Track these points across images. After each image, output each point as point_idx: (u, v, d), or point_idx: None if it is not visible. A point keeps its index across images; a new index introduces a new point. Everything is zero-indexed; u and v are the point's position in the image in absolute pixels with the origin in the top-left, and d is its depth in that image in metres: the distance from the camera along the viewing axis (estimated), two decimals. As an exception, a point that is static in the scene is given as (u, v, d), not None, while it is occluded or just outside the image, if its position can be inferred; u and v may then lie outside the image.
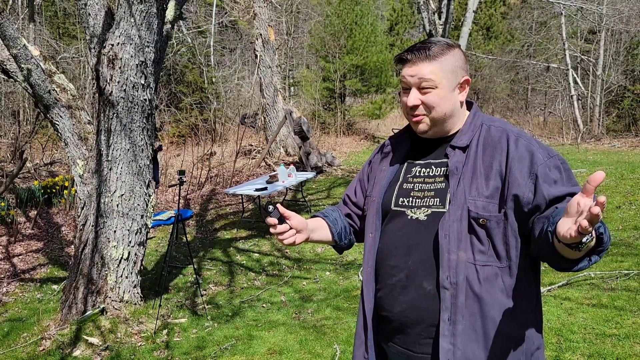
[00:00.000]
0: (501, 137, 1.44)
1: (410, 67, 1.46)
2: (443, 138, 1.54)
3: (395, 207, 1.53)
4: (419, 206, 1.48)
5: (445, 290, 1.37)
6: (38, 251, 6.37)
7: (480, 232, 1.37)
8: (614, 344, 3.47)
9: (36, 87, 4.14)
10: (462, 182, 1.41)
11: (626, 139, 14.84)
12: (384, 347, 1.55)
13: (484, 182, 1.39)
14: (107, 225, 4.16)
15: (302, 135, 11.01)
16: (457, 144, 1.48)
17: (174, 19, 4.61)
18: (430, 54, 1.44)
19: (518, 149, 1.39)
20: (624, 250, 5.41)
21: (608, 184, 8.22)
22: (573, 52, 17.55)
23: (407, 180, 1.55)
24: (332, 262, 5.87)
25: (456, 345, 1.35)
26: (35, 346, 3.90)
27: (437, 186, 1.47)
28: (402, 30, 25.04)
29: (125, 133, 4.09)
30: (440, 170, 1.49)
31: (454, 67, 1.47)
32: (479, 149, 1.44)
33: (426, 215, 1.45)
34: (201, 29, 17.30)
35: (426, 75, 1.44)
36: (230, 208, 8.70)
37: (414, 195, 1.50)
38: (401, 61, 1.49)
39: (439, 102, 1.45)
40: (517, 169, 1.37)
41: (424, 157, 1.56)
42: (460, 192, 1.40)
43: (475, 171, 1.41)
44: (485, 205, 1.38)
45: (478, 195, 1.39)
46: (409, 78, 1.47)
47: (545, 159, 1.37)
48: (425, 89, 1.45)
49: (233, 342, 3.94)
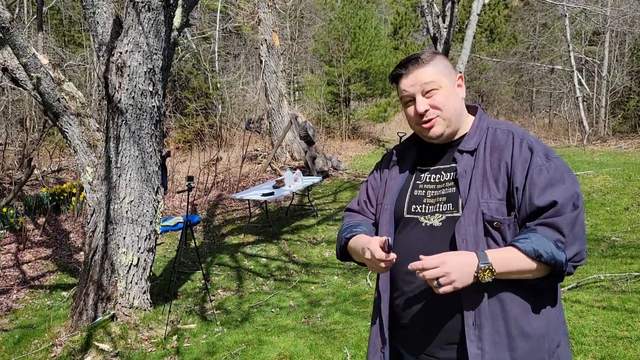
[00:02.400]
0: (507, 139, 1.45)
1: (407, 78, 1.50)
2: (449, 143, 1.55)
3: (408, 214, 1.53)
4: (433, 212, 1.48)
5: (467, 295, 1.37)
6: (47, 258, 6.40)
7: (496, 235, 1.39)
8: (625, 346, 3.46)
9: (45, 95, 4.18)
10: (474, 185, 1.42)
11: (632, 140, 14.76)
12: (403, 355, 1.55)
13: (494, 185, 1.41)
14: (116, 232, 4.18)
15: (308, 139, 11.03)
16: (464, 148, 1.49)
17: (180, 26, 4.64)
18: (422, 60, 1.49)
19: (522, 151, 1.41)
20: (633, 252, 5.39)
21: (615, 186, 8.18)
22: (577, 53, 17.49)
23: (418, 187, 1.55)
24: (340, 266, 5.87)
25: (484, 350, 1.35)
26: (47, 353, 3.91)
27: (448, 191, 1.48)
28: (406, 34, 25.07)
29: (134, 140, 4.12)
30: (450, 175, 1.50)
31: (446, 67, 1.51)
32: (487, 152, 1.46)
33: (441, 222, 1.46)
34: (206, 35, 17.37)
35: (426, 78, 1.47)
36: (237, 213, 8.71)
37: (427, 202, 1.51)
38: (396, 78, 1.53)
39: (446, 101, 1.48)
40: (519, 171, 1.39)
41: (432, 163, 1.57)
42: (473, 196, 1.41)
43: (485, 174, 1.43)
44: (498, 207, 1.39)
45: (490, 197, 1.40)
46: (410, 88, 1.49)
47: (542, 162, 1.38)
48: (430, 91, 1.47)
49: (243, 347, 3.94)
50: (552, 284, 1.41)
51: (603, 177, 8.80)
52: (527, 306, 1.38)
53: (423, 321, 1.44)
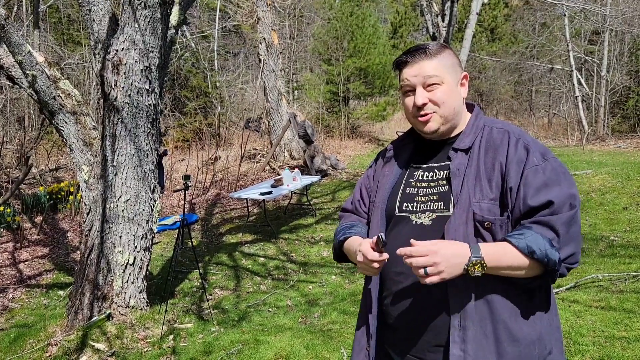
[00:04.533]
0: (503, 138, 1.43)
1: (412, 67, 1.46)
2: (444, 141, 1.53)
3: (399, 212, 1.51)
4: (423, 211, 1.46)
5: (454, 296, 1.35)
6: (44, 257, 6.38)
7: (487, 235, 1.36)
8: (623, 346, 3.44)
9: (41, 93, 4.15)
10: (466, 184, 1.39)
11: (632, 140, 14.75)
12: (392, 355, 1.52)
13: (487, 184, 1.38)
14: (112, 231, 4.16)
15: (307, 138, 11.01)
16: (459, 147, 1.47)
17: (178, 24, 4.62)
18: (429, 52, 1.45)
19: (517, 150, 1.39)
20: (631, 252, 5.37)
21: (614, 186, 8.17)
22: (577, 53, 17.48)
23: (410, 184, 1.53)
24: (337, 265, 5.85)
25: (467, 352, 1.32)
26: (42, 352, 3.89)
27: (440, 190, 1.46)
28: (406, 33, 25.06)
29: (130, 138, 4.10)
30: (443, 173, 1.48)
31: (453, 63, 1.48)
32: (481, 151, 1.43)
33: (431, 220, 1.43)
34: (205, 33, 17.34)
35: (430, 72, 1.44)
36: (236, 212, 8.69)
37: (418, 200, 1.48)
38: (400, 64, 1.49)
39: (446, 98, 1.45)
40: (514, 170, 1.36)
41: (426, 161, 1.54)
42: (465, 195, 1.38)
43: (478, 173, 1.40)
44: (490, 208, 1.36)
45: (482, 197, 1.37)
46: (412, 79, 1.46)
47: (538, 162, 1.36)
48: (431, 85, 1.44)
49: (240, 347, 3.92)
50: (543, 284, 1.37)
51: (602, 177, 8.79)
52: (517, 310, 1.35)
53: (411, 322, 1.42)
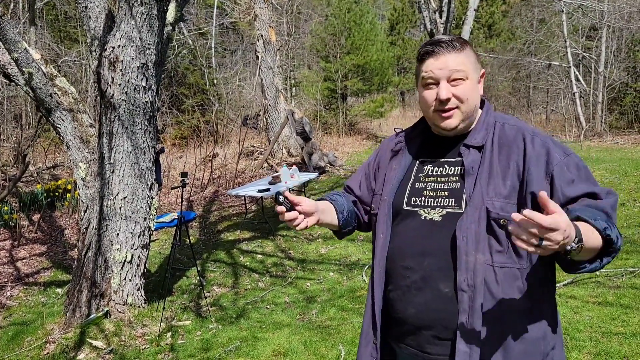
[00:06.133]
0: (517, 135, 1.42)
1: (437, 59, 1.41)
2: (455, 136, 1.50)
3: (407, 206, 1.50)
4: (433, 206, 1.44)
5: (463, 293, 1.34)
6: (42, 255, 6.37)
7: (500, 233, 1.35)
8: (620, 342, 3.45)
9: (37, 90, 4.14)
10: (479, 182, 1.38)
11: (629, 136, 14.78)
12: (395, 348, 1.53)
13: (502, 182, 1.37)
14: (110, 228, 4.15)
15: (304, 135, 11.00)
16: (471, 143, 1.45)
17: (174, 21, 4.61)
18: (456, 46, 1.41)
19: (535, 148, 1.38)
20: (629, 247, 5.39)
21: (612, 182, 8.19)
22: (574, 49, 17.48)
23: (419, 179, 1.51)
24: (335, 262, 5.86)
25: (473, 349, 1.32)
26: (40, 350, 3.89)
27: (451, 186, 1.44)
28: (403, 30, 25.04)
29: (127, 135, 4.09)
30: (455, 169, 1.46)
31: (475, 59, 1.45)
32: (495, 149, 1.42)
33: (441, 216, 1.42)
34: (202, 30, 17.31)
35: (456, 66, 1.40)
36: (233, 209, 8.69)
37: (427, 194, 1.47)
38: (425, 55, 1.44)
39: (470, 94, 1.42)
40: (535, 168, 1.35)
41: (436, 155, 1.52)
42: (478, 193, 1.37)
43: (492, 171, 1.39)
44: (503, 206, 1.35)
45: (496, 195, 1.36)
46: (438, 71, 1.41)
47: (561, 158, 1.35)
48: (456, 80, 1.40)
49: (238, 343, 3.92)
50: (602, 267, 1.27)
51: (599, 173, 8.81)
52: (524, 308, 1.35)
53: (416, 316, 1.42)
